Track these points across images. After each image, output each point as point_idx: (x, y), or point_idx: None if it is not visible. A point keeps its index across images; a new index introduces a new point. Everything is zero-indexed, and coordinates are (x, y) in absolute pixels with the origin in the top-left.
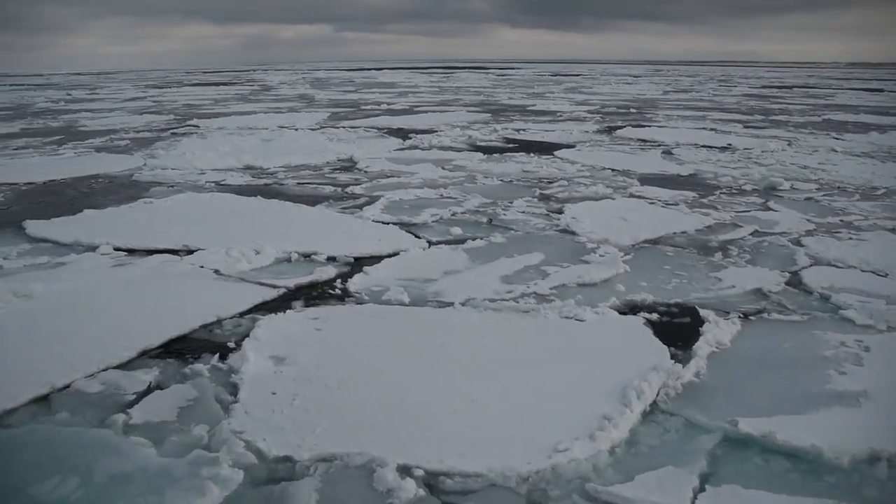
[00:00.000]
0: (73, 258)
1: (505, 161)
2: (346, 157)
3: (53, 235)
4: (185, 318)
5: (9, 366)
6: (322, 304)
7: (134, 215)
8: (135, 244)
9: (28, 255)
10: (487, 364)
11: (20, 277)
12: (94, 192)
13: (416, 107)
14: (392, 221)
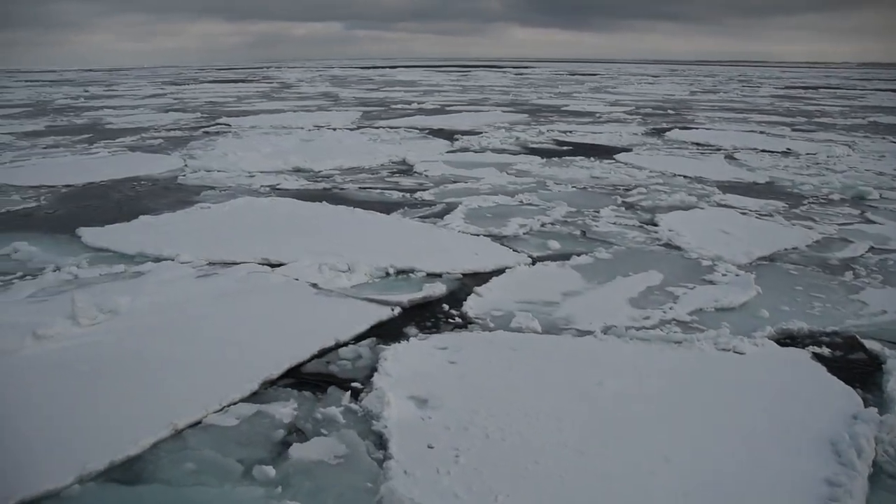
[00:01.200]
0: (150, 267)
1: (567, 166)
2: (398, 160)
3: (115, 245)
4: (301, 341)
5: (117, 400)
6: (444, 330)
7: (195, 222)
8: (210, 254)
9: (101, 264)
10: (661, 409)
11: (100, 290)
12: (141, 196)
13: (448, 106)
14: (480, 233)
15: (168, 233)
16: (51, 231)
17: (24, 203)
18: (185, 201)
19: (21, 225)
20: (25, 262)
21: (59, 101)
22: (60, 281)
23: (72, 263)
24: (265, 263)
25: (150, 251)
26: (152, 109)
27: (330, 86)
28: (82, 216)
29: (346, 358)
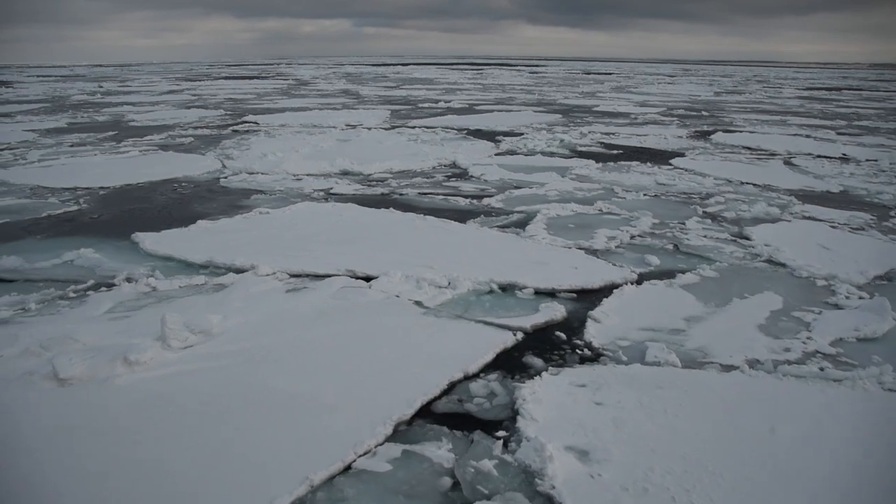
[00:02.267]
0: (233, 280)
1: (627, 171)
2: (448, 163)
3: (179, 252)
4: (427, 373)
5: (236, 444)
6: (572, 362)
7: (259, 228)
8: (289, 265)
9: (178, 275)
10: (850, 460)
11: (184, 306)
12: (187, 199)
13: (476, 105)
14: (570, 245)
15: (233, 240)
16: (106, 236)
17: (64, 206)
18: (236, 205)
19: (70, 230)
20: (93, 269)
21: (76, 96)
22: (138, 294)
23: (144, 274)
24: (351, 275)
25: (220, 260)
26: (172, 106)
27: (347, 83)
28: (132, 220)
29: (480, 395)
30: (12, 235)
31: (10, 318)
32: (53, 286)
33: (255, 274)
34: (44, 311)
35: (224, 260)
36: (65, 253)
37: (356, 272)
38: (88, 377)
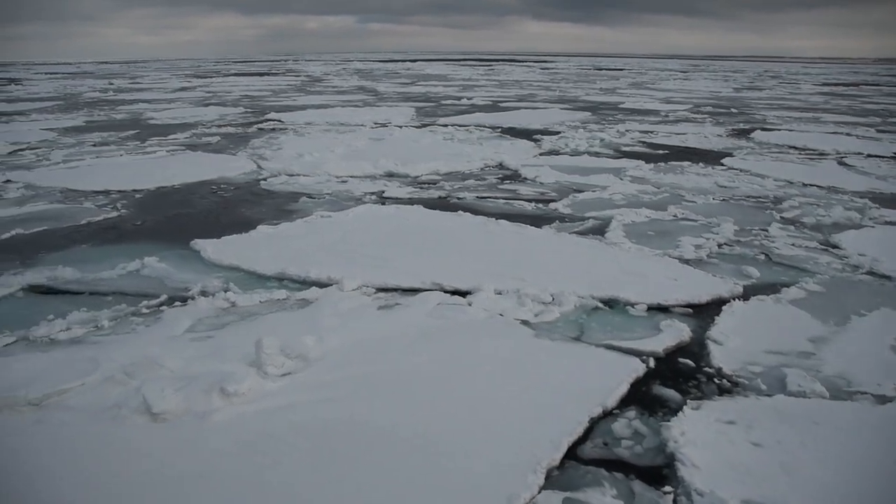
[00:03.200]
0: (317, 295)
1: (681, 172)
2: (494, 164)
3: (246, 262)
4: (562, 407)
5: (369, 496)
6: (710, 394)
7: (323, 234)
8: (371, 277)
9: (257, 289)
10: None
11: (270, 324)
12: (232, 203)
13: (499, 102)
14: (658, 253)
15: (300, 248)
16: (162, 244)
17: (103, 212)
18: (286, 209)
19: (117, 237)
20: (161, 280)
21: (88, 94)
22: (216, 310)
23: (219, 287)
24: (438, 288)
25: (293, 272)
26: (189, 103)
27: (360, 79)
28: (182, 226)
29: (625, 436)
30: (57, 244)
31: (84, 337)
32: (123, 300)
33: (340, 289)
34: (118, 330)
35: (298, 271)
36: (126, 263)
37: (444, 285)
38: (183, 411)
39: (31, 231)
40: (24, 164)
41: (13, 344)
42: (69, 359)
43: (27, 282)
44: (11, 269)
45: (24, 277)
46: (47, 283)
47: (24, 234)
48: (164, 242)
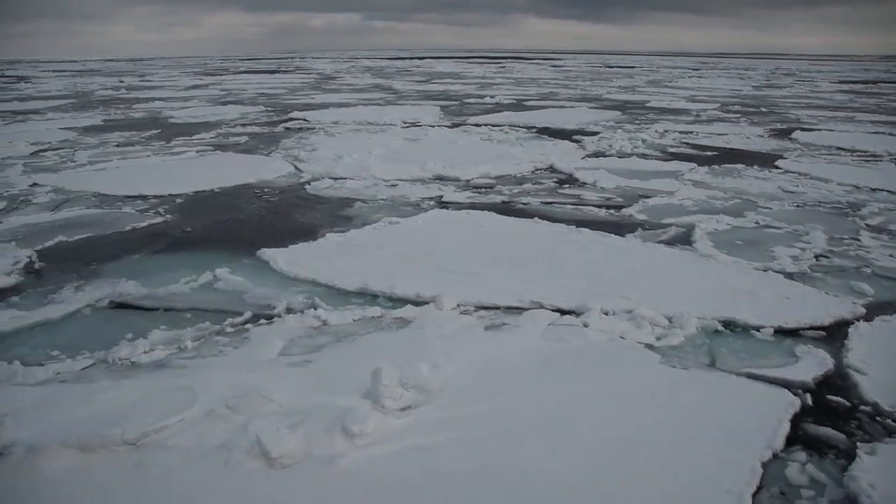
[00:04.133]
0: (414, 313)
1: (739, 176)
2: (544, 166)
3: (322, 275)
4: (726, 450)
5: None
6: (882, 436)
7: (397, 243)
8: (466, 293)
9: (349, 306)
10: None
11: (369, 347)
12: (283, 209)
13: (523, 101)
14: (755, 266)
15: (378, 259)
16: (225, 253)
17: (146, 217)
18: (342, 216)
19: (171, 245)
20: (238, 295)
21: (100, 92)
22: (307, 329)
23: (305, 303)
24: (539, 306)
25: (377, 286)
26: (205, 102)
27: (372, 77)
28: (237, 234)
29: (802, 484)
30: (109, 253)
31: (168, 361)
32: (204, 318)
33: (438, 307)
34: (203, 351)
35: (382, 286)
36: (193, 275)
37: (544, 303)
38: (303, 454)
39: (74, 238)
40: (48, 166)
41: (92, 367)
42: (160, 388)
43: (94, 297)
44: (68, 281)
45: (89, 293)
46: (117, 298)
47: (69, 242)
48: (225, 252)
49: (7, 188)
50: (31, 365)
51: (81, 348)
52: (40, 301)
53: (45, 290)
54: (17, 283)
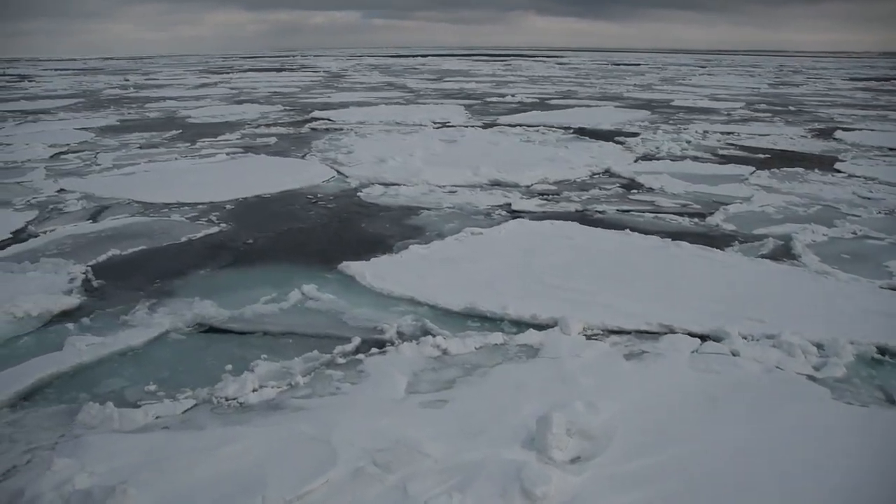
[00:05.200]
0: (539, 339)
1: (803, 180)
2: (600, 170)
3: (419, 292)
4: None
5: None
6: None
7: (489, 257)
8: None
9: (468, 331)
10: None
11: (505, 381)
12: (344, 217)
13: (545, 100)
14: (882, 284)
15: (471, 275)
16: (301, 267)
17: (200, 227)
18: (415, 225)
19: (242, 259)
20: (336, 316)
21: (107, 91)
22: (427, 359)
23: (414, 327)
24: (668, 330)
25: (483, 306)
26: (219, 101)
27: (381, 75)
28: (306, 246)
29: None
30: (171, 269)
31: (282, 400)
32: (306, 344)
33: (565, 332)
34: (318, 388)
35: (492, 307)
36: (276, 292)
37: (674, 327)
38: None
39: (128, 252)
40: (72, 170)
41: (195, 409)
42: (287, 439)
43: (174, 320)
44: (136, 300)
45: (165, 314)
46: (201, 320)
47: (123, 256)
48: (300, 266)
49: (34, 194)
50: (126, 406)
51: (178, 384)
52: (114, 324)
53: (114, 312)
54: (82, 303)
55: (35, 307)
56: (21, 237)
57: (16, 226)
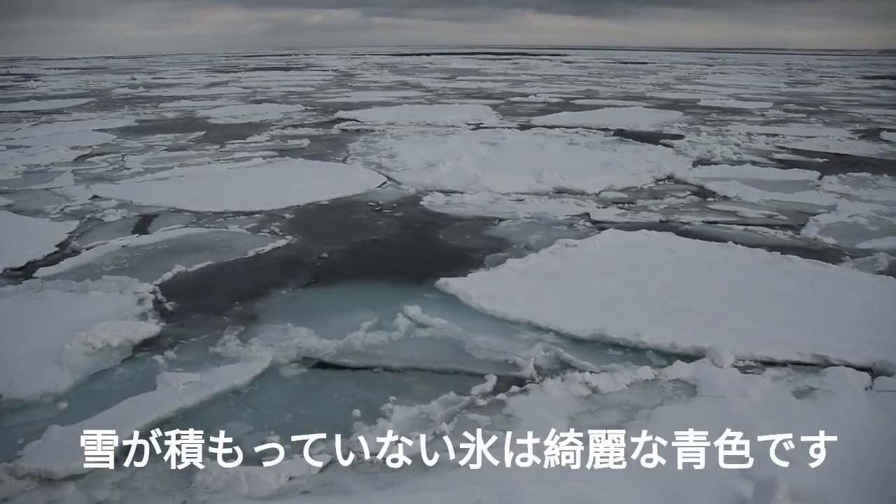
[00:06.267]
0: (685, 371)
1: (879, 186)
2: (664, 176)
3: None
4: None
5: None
6: None
7: (598, 275)
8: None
9: (615, 364)
10: None
11: (668, 424)
12: (417, 228)
13: (569, 100)
14: None
15: (584, 294)
16: (391, 284)
17: (264, 240)
18: (496, 237)
19: (321, 276)
20: (455, 345)
21: (116, 90)
22: (579, 399)
23: (550, 360)
24: (824, 362)
25: (614, 333)
26: (235, 100)
27: (390, 73)
28: (387, 260)
29: None
30: (248, 289)
31: (432, 454)
32: (438, 383)
33: (717, 363)
34: (467, 438)
35: (622, 333)
36: (376, 316)
37: (830, 358)
38: None
39: (195, 268)
40: (101, 175)
41: (333, 467)
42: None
43: (280, 356)
44: (221, 327)
45: (259, 345)
46: (309, 354)
47: (189, 274)
48: (391, 284)
49: (66, 202)
50: (249, 462)
51: (302, 433)
52: (204, 357)
53: (201, 342)
54: (162, 330)
55: (114, 336)
56: (68, 251)
57: (58, 238)
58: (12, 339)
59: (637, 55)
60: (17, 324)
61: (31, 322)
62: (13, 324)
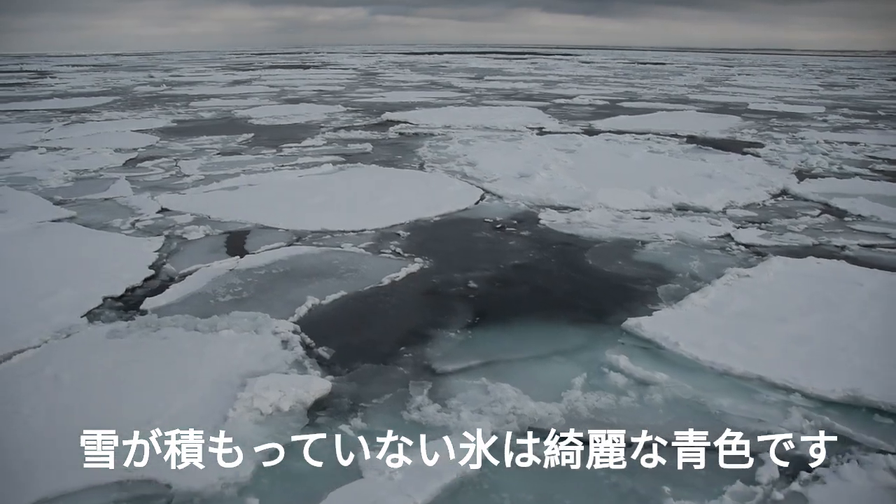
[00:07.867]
0: None
1: None
2: (776, 191)
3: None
4: None
5: None
6: None
7: (795, 315)
8: None
9: None
10: None
11: None
12: (553, 252)
13: (615, 102)
14: None
15: (797, 340)
16: (569, 324)
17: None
18: (651, 264)
19: (487, 312)
20: (698, 408)
21: (138, 88)
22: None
23: (811, 428)
24: None
25: (871, 394)
26: (267, 99)
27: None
28: (544, 293)
29: None
30: (405, 328)
31: None
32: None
33: None
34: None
35: (879, 394)
36: (576, 366)
37: None
38: None
39: (329, 300)
40: (159, 183)
41: None
42: None
43: (500, 425)
44: (408, 383)
45: (478, 415)
46: (534, 424)
47: (328, 307)
48: (565, 322)
49: (132, 215)
50: None
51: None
52: (401, 426)
53: (386, 403)
54: (333, 388)
55: (283, 398)
56: (165, 276)
57: (147, 258)
58: (154, 400)
59: (649, 55)
60: (151, 378)
61: (167, 376)
62: (147, 379)
